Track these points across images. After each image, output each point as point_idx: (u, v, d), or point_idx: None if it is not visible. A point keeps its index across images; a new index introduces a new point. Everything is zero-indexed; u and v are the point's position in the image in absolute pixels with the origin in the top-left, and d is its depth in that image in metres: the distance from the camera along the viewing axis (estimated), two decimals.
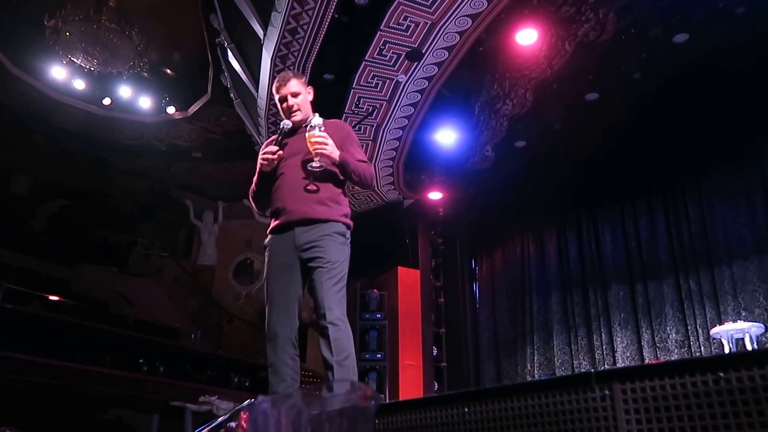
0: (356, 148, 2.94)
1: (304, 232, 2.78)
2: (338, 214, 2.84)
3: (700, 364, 1.31)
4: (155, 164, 12.57)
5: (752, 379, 1.21)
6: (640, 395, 1.37)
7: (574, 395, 1.50)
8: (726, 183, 6.43)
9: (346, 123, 3.18)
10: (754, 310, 5.88)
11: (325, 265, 2.71)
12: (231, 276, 13.31)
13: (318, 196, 2.82)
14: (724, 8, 5.59)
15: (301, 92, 3.01)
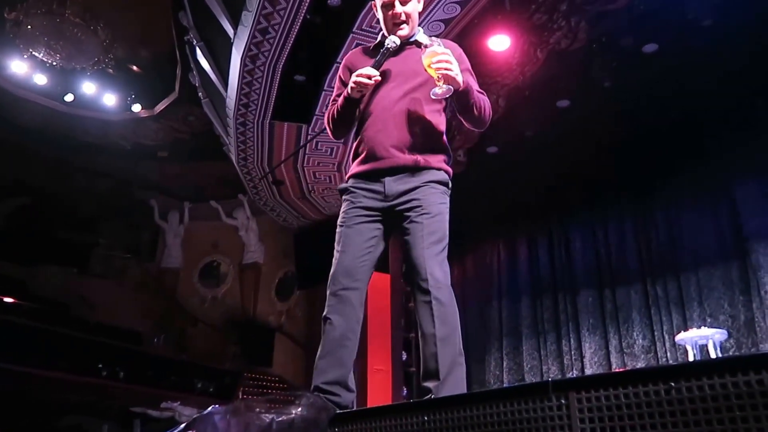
0: (472, 77, 2.31)
1: (399, 180, 2.23)
2: (441, 160, 2.27)
3: (652, 374, 1.33)
4: (119, 163, 12.24)
5: (702, 389, 1.23)
6: (594, 404, 1.39)
7: (531, 404, 1.51)
8: (693, 192, 6.55)
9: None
10: (718, 317, 5.99)
11: (427, 213, 2.19)
12: (196, 279, 13.04)
13: (421, 138, 2.24)
14: (692, 20, 5.69)
15: (413, 4, 2.39)
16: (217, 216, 13.01)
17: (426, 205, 2.20)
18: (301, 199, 9.77)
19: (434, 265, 2.15)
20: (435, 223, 2.20)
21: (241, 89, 7.13)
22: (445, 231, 2.23)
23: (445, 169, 2.29)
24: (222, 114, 8.39)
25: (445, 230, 2.23)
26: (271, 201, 9.99)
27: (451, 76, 2.10)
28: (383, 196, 2.25)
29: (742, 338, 5.85)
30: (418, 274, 2.16)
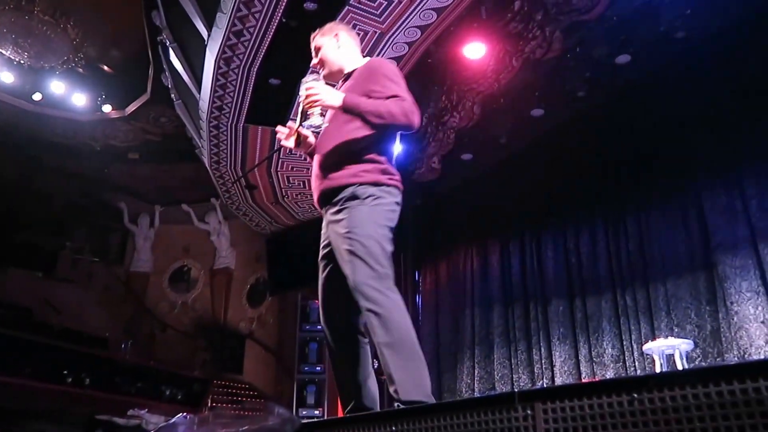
0: (382, 84, 2.33)
1: (327, 214, 2.36)
2: (353, 175, 2.29)
3: (616, 385, 1.37)
4: (88, 164, 11.98)
5: (664, 400, 1.27)
6: (560, 415, 1.42)
7: (498, 414, 1.54)
8: (663, 202, 6.62)
9: (383, 60, 2.67)
10: (686, 327, 6.06)
11: (348, 238, 2.21)
12: (166, 283, 12.82)
13: (334, 161, 2.33)
14: (665, 32, 5.79)
15: (322, 45, 2.62)
16: (188, 220, 12.83)
17: (349, 225, 2.25)
18: (275, 204, 9.67)
19: (364, 286, 2.22)
20: (357, 240, 2.25)
21: (214, 92, 7.03)
22: (372, 244, 2.24)
23: (369, 181, 2.30)
24: (195, 116, 8.27)
25: (370, 244, 2.24)
26: (243, 205, 9.88)
27: (317, 104, 2.30)
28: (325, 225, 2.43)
29: (708, 348, 5.91)
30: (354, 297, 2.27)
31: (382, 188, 2.30)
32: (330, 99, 2.28)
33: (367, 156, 2.33)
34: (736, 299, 5.70)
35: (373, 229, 2.22)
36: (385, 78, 2.36)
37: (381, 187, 2.30)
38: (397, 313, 2.17)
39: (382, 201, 2.28)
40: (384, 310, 2.14)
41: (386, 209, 2.30)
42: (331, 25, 2.71)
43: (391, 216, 2.31)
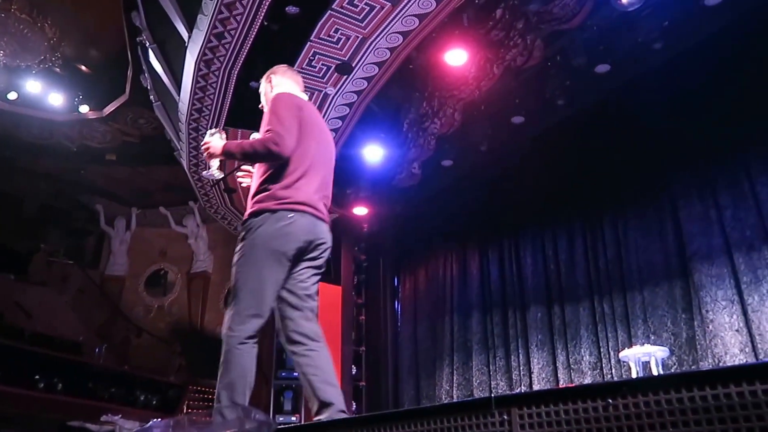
0: (266, 119, 2.58)
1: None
2: (248, 209, 2.53)
3: (590, 391, 1.41)
4: (64, 165, 11.80)
5: (637, 405, 1.29)
6: (536, 420, 1.46)
7: (475, 419, 1.58)
8: (640, 211, 6.69)
9: (280, 95, 2.73)
10: (662, 334, 6.11)
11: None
12: (142, 287, 12.65)
13: (248, 200, 2.60)
14: (643, 43, 5.86)
15: (262, 89, 2.89)
16: (165, 223, 12.68)
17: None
18: None
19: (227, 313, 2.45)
20: (232, 273, 2.48)
21: (194, 94, 6.95)
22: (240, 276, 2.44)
23: (252, 210, 2.50)
24: (174, 118, 8.18)
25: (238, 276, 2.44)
26: (222, 209, 9.78)
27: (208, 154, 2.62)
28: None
29: (683, 356, 5.97)
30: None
31: (265, 216, 2.46)
32: (215, 148, 2.59)
33: (261, 186, 2.55)
34: (711, 308, 5.77)
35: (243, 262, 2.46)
36: (270, 113, 2.59)
37: (265, 215, 2.46)
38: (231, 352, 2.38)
39: (259, 231, 2.44)
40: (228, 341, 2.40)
41: (264, 236, 2.44)
42: (271, 70, 2.95)
43: (272, 240, 2.44)
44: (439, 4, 5.52)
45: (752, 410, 1.18)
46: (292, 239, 2.46)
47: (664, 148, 6.49)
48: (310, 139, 2.59)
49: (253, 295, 2.40)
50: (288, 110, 2.57)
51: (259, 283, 2.41)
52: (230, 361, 2.38)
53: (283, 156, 2.48)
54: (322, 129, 2.76)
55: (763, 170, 5.73)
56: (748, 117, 5.85)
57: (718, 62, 5.87)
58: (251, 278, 2.42)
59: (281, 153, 2.46)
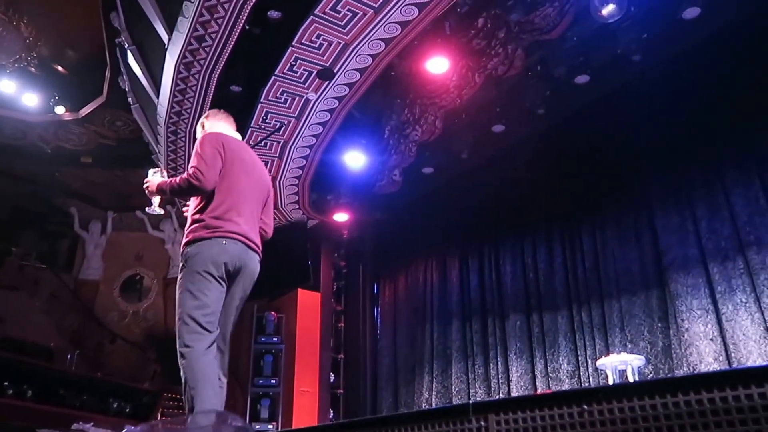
0: (191, 157, 2.88)
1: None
2: (184, 238, 2.81)
3: (565, 397, 1.45)
4: (38, 167, 11.57)
5: (612, 411, 1.34)
6: (513, 426, 1.50)
7: (453, 426, 1.62)
8: (618, 220, 6.75)
9: (207, 134, 3.03)
10: (639, 343, 6.17)
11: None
12: (117, 292, 12.44)
13: (184, 230, 2.88)
14: (622, 54, 5.93)
15: (197, 134, 3.20)
16: (142, 227, 12.51)
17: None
18: None
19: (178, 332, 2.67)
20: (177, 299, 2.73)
21: (173, 96, 6.87)
22: (182, 300, 2.68)
23: (186, 240, 2.77)
24: (152, 121, 8.07)
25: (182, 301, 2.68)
26: None
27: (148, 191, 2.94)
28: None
29: (659, 364, 6.03)
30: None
31: (200, 244, 2.72)
32: (152, 187, 2.92)
33: (195, 217, 2.81)
34: (686, 317, 5.84)
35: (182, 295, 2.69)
36: (195, 151, 2.87)
37: (200, 243, 2.72)
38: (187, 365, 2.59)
39: (198, 258, 2.69)
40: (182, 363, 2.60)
41: (203, 261, 2.69)
42: (204, 114, 3.25)
43: (210, 265, 2.70)
44: (422, 11, 5.53)
45: (723, 416, 1.22)
46: (224, 263, 2.72)
47: (642, 158, 6.58)
48: (239, 173, 2.86)
49: (202, 310, 2.64)
50: (211, 147, 2.83)
51: (203, 301, 2.65)
52: (193, 370, 2.56)
53: (204, 189, 2.75)
54: (253, 163, 3.02)
55: (738, 182, 5.83)
56: (723, 129, 5.96)
57: (695, 74, 5.98)
58: (199, 298, 2.65)
59: (202, 186, 2.73)
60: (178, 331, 2.65)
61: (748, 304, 5.45)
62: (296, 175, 7.87)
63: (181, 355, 2.60)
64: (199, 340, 2.61)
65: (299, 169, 7.74)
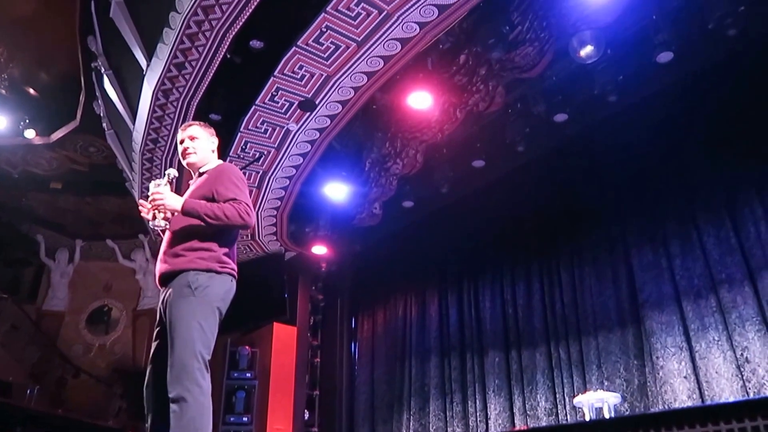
0: (225, 186, 2.73)
1: (163, 292, 2.66)
2: (189, 261, 2.60)
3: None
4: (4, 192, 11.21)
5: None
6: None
7: None
8: (595, 256, 6.80)
9: (231, 165, 3.00)
10: (615, 380, 6.15)
11: (171, 326, 2.50)
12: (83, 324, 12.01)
13: (175, 248, 2.66)
14: (599, 94, 6.06)
15: (200, 137, 2.97)
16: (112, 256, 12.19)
17: (170, 314, 2.53)
18: None
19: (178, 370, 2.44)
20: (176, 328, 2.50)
21: (150, 123, 6.78)
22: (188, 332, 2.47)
23: (194, 267, 2.58)
24: (127, 147, 7.93)
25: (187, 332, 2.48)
26: None
27: (160, 207, 2.63)
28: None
29: (635, 402, 6.01)
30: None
31: (212, 276, 2.60)
32: (172, 203, 2.63)
33: (205, 245, 2.65)
34: (661, 354, 5.85)
35: (188, 320, 2.50)
36: (230, 181, 2.76)
37: (212, 275, 2.60)
38: (194, 409, 2.36)
39: (210, 291, 2.57)
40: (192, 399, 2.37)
41: (215, 297, 2.59)
42: (209, 126, 3.09)
43: (219, 302, 2.61)
44: (404, 47, 5.59)
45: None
46: (227, 303, 2.66)
47: (618, 195, 6.67)
48: None
49: (207, 349, 2.49)
50: (245, 186, 2.82)
51: (212, 340, 2.53)
52: (200, 414, 2.36)
53: (248, 228, 2.74)
54: None
55: (709, 221, 5.93)
56: (695, 168, 6.09)
57: (669, 115, 6.13)
58: (207, 335, 2.50)
59: (248, 225, 2.69)
60: (183, 366, 2.40)
61: (720, 342, 5.48)
62: (275, 206, 7.77)
63: (182, 399, 2.35)
64: (206, 380, 2.43)
65: (278, 200, 7.65)
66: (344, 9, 5.19)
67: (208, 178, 2.83)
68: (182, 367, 2.39)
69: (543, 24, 5.56)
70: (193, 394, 2.35)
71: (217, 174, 2.83)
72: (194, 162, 2.95)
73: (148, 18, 6.00)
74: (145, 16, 6.10)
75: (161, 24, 5.62)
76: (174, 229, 2.70)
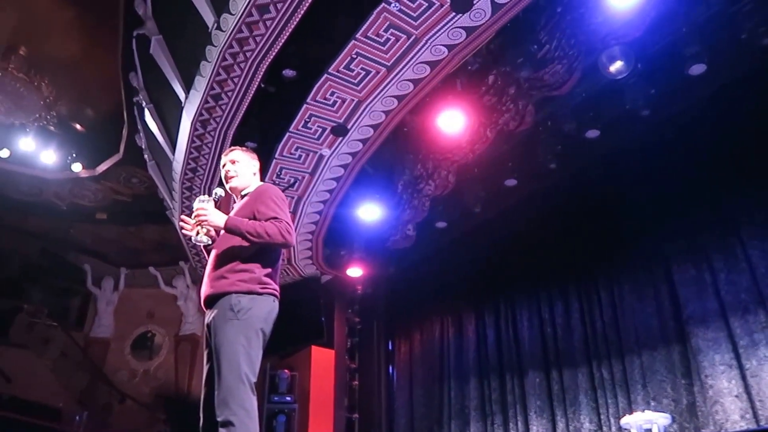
0: (266, 205, 2.78)
1: (208, 315, 2.68)
2: (231, 284, 2.63)
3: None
4: (52, 224, 11.70)
5: None
6: None
7: None
8: (634, 274, 6.65)
9: (271, 186, 3.06)
10: (662, 400, 5.96)
11: (216, 350, 2.53)
12: (128, 350, 12.29)
13: (218, 270, 2.70)
14: (631, 109, 5.99)
15: (242, 160, 3.05)
16: (154, 283, 12.48)
17: (216, 337, 2.56)
18: None
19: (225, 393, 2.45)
20: (222, 352, 2.52)
21: (189, 153, 6.99)
22: (236, 355, 2.50)
23: (236, 290, 2.61)
24: (168, 177, 8.18)
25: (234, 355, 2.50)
26: None
27: (204, 223, 2.72)
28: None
29: (684, 423, 5.80)
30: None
31: (254, 297, 2.62)
32: (215, 220, 2.70)
33: (247, 266, 2.68)
34: (710, 372, 5.66)
35: (234, 343, 2.52)
36: (270, 201, 2.81)
37: (253, 297, 2.62)
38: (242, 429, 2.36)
39: (253, 313, 2.59)
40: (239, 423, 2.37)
41: (258, 319, 2.60)
42: (251, 151, 3.19)
43: (263, 323, 2.63)
44: (433, 69, 5.66)
45: None
46: (271, 323, 2.68)
47: (656, 210, 6.52)
48: None
49: (253, 372, 2.51)
50: (286, 205, 2.87)
51: (257, 362, 2.56)
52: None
53: (289, 246, 2.78)
54: None
55: (755, 234, 5.75)
56: (738, 182, 5.93)
57: (705, 128, 5.99)
58: (252, 358, 2.53)
59: (290, 244, 2.73)
60: (230, 389, 2.41)
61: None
62: (310, 230, 7.88)
63: (230, 422, 2.35)
64: (252, 403, 2.43)
65: (313, 224, 7.76)
66: (373, 35, 5.31)
67: (249, 200, 2.89)
68: (228, 391, 2.40)
69: (571, 41, 5.55)
70: (239, 417, 2.36)
71: (258, 194, 2.89)
72: (236, 186, 3.03)
73: (186, 52, 6.24)
74: (183, 51, 6.35)
75: (198, 57, 5.84)
76: (218, 250, 2.75)
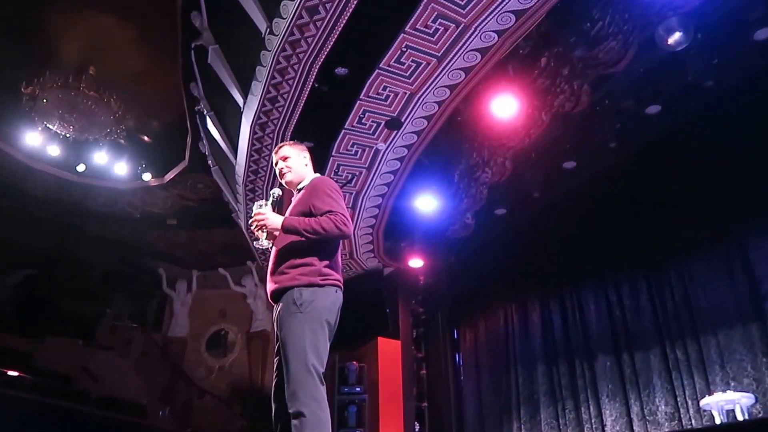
0: (321, 199, 2.81)
1: (275, 309, 2.76)
2: (291, 279, 2.68)
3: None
4: (128, 231, 12.34)
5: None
6: None
7: None
8: (706, 251, 6.40)
9: (325, 178, 3.08)
10: (742, 380, 5.74)
11: (283, 343, 2.59)
12: (203, 348, 12.83)
13: (279, 267, 2.77)
14: (693, 82, 5.77)
15: (291, 155, 3.09)
16: (224, 284, 12.94)
17: (282, 331, 2.63)
18: None
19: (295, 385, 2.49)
20: (289, 345, 2.57)
21: (250, 156, 7.23)
22: (302, 347, 2.53)
23: (297, 284, 2.65)
24: (231, 181, 8.48)
25: (301, 347, 2.53)
26: None
27: (263, 228, 2.78)
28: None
29: None
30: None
31: (315, 290, 2.66)
32: (273, 223, 2.76)
33: (305, 260, 2.72)
34: None
35: (300, 335, 2.56)
36: (324, 194, 2.83)
37: (315, 289, 2.65)
38: (313, 424, 2.39)
39: (316, 305, 2.63)
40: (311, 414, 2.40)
41: (321, 310, 2.64)
42: (299, 143, 3.25)
43: (327, 314, 2.67)
44: (484, 56, 5.63)
45: None
46: (336, 313, 2.72)
47: (725, 185, 6.24)
48: None
49: (321, 363, 2.55)
50: (340, 196, 2.90)
51: (324, 353, 2.59)
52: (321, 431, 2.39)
53: (347, 237, 2.80)
54: None
55: None
56: None
57: None
58: (319, 349, 2.57)
59: (347, 235, 2.76)
60: (298, 381, 2.45)
61: None
62: (370, 224, 8.00)
63: (301, 414, 2.39)
64: (322, 394, 2.46)
65: (372, 218, 7.88)
66: (422, 27, 5.33)
67: (304, 194, 2.92)
68: (297, 383, 2.44)
69: (625, 16, 5.40)
70: (310, 408, 2.39)
71: (312, 188, 2.92)
72: (291, 180, 3.07)
73: (242, 59, 6.46)
74: (239, 58, 6.57)
75: (254, 63, 6.03)
76: (277, 248, 2.81)
